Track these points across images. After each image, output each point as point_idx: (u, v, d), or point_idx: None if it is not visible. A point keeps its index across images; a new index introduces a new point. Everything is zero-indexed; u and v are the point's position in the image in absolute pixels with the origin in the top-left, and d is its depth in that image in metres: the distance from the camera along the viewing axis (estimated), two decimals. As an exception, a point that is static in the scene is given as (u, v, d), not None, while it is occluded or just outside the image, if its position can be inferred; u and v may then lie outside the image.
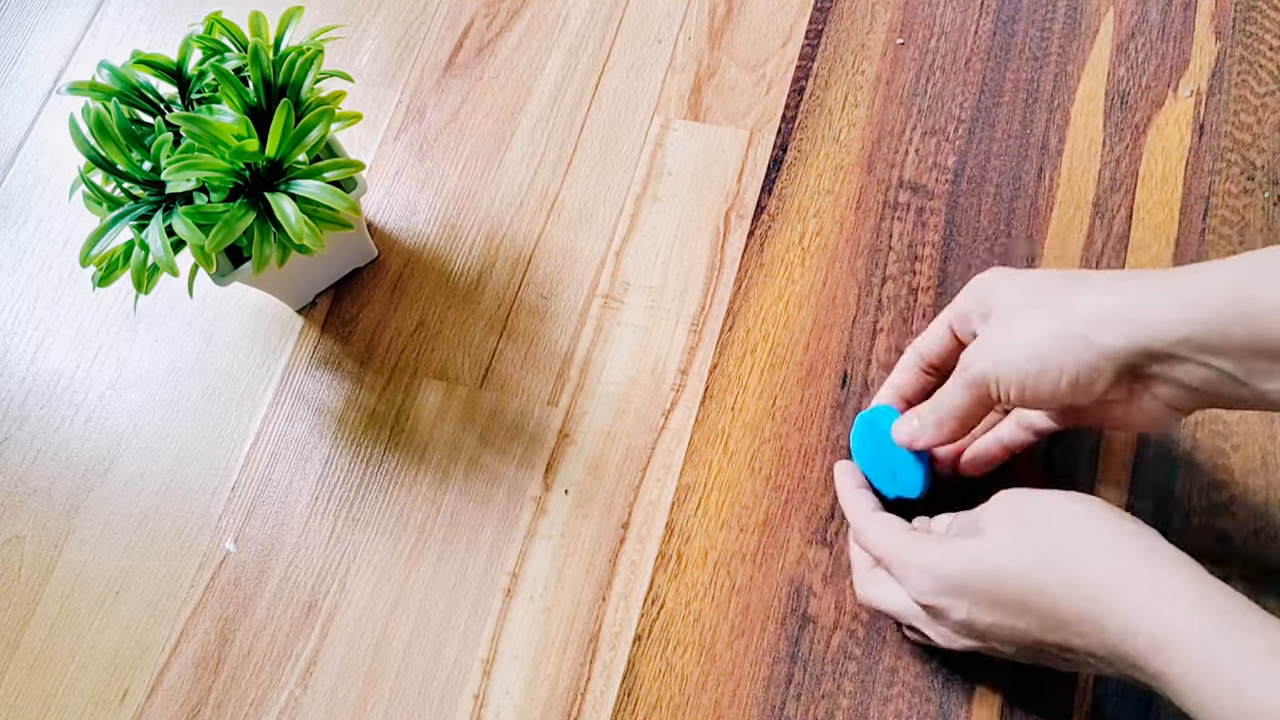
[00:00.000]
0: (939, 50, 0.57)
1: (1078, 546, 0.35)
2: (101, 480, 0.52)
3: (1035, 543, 0.36)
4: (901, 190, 0.54)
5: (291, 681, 0.47)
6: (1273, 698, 0.29)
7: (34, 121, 0.62)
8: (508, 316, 0.53)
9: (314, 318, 0.54)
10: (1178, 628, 0.31)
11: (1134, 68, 0.55)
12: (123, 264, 0.44)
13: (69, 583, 0.50)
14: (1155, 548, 0.34)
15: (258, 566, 0.49)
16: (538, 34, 0.60)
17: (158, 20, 0.64)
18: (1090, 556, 0.34)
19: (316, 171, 0.45)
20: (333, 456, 0.51)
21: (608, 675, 0.46)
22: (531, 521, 0.49)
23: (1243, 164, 0.52)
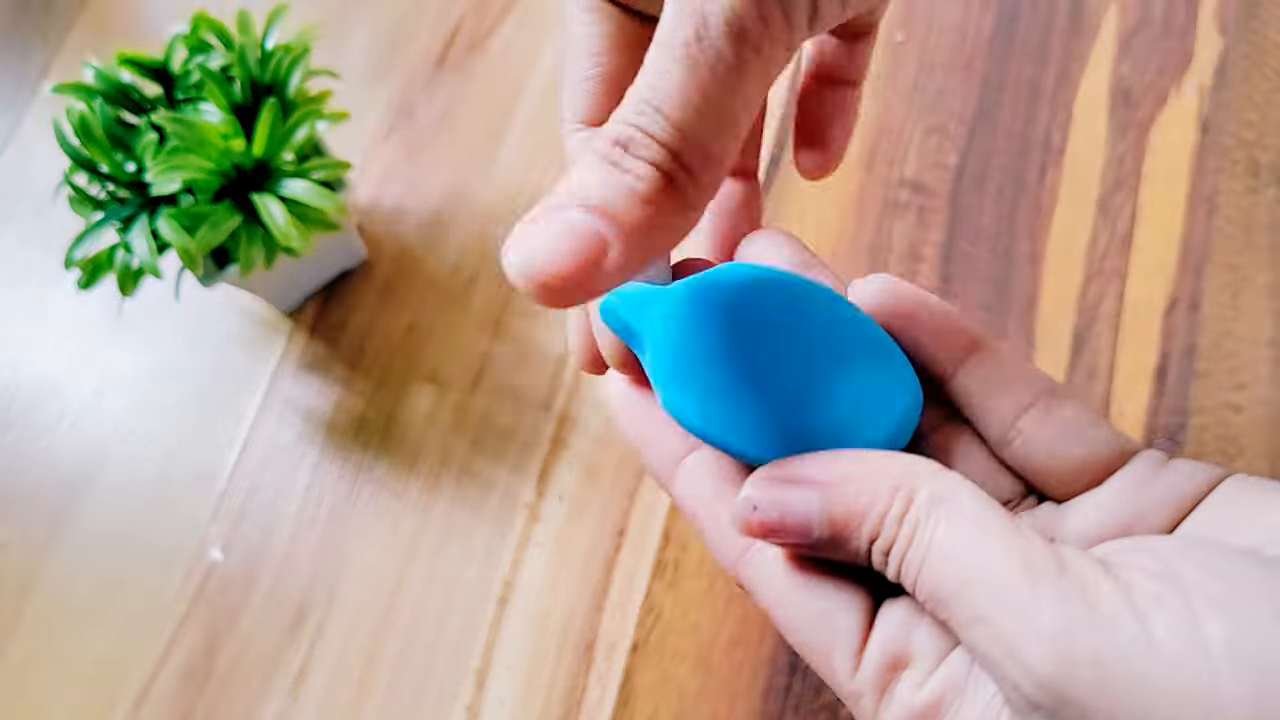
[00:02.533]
0: (940, 47, 0.56)
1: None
2: (86, 488, 0.51)
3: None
4: (902, 189, 0.53)
5: (281, 692, 0.46)
6: None
7: (17, 122, 0.61)
8: (499, 319, 0.52)
9: (302, 321, 0.53)
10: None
11: (1137, 64, 0.54)
12: (107, 266, 0.44)
13: (54, 592, 0.49)
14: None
15: (246, 575, 0.48)
16: (530, 30, 0.59)
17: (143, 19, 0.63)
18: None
19: (304, 171, 0.45)
20: (322, 463, 0.50)
21: (603, 685, 0.45)
22: (525, 528, 0.48)
23: (1248, 162, 0.51)
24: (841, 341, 0.23)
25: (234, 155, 0.43)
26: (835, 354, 0.23)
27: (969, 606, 0.19)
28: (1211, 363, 0.48)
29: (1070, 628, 0.17)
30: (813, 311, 0.23)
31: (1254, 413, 0.47)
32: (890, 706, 0.21)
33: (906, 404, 0.23)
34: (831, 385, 0.22)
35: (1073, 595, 0.18)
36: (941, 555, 0.19)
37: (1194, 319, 0.49)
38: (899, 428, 0.23)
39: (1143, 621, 0.17)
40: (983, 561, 0.19)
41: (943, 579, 0.19)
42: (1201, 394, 0.47)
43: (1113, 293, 0.50)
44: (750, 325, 0.22)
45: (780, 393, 0.22)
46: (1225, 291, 0.49)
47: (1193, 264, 0.50)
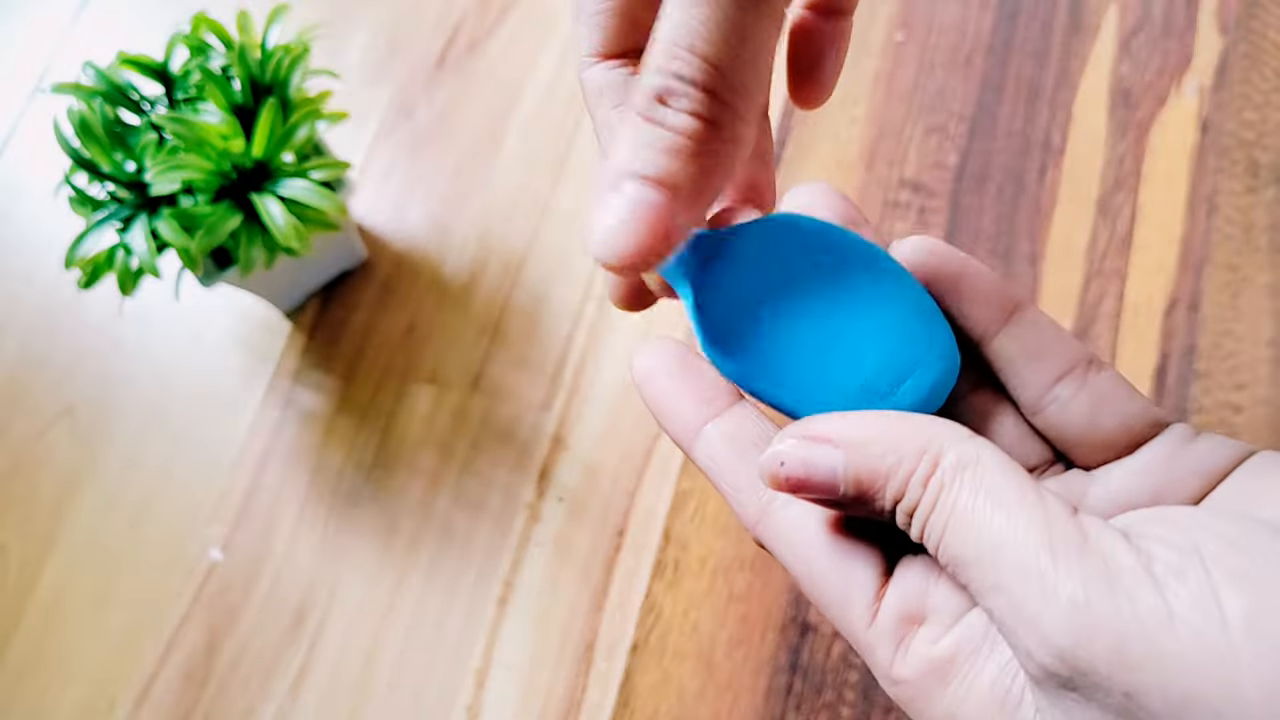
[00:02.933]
0: (939, 46, 0.56)
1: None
2: (86, 488, 0.51)
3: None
4: (903, 189, 0.53)
5: (281, 692, 0.46)
6: None
7: (17, 122, 0.61)
8: (499, 320, 0.52)
9: (302, 321, 0.53)
10: None
11: (1137, 64, 0.54)
12: (107, 266, 0.44)
13: (54, 592, 0.49)
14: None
15: (246, 576, 0.48)
16: (530, 31, 0.59)
17: (143, 19, 0.63)
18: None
19: (304, 172, 0.45)
20: (321, 463, 0.50)
21: (604, 685, 0.45)
22: (525, 529, 0.48)
23: (1247, 162, 0.51)
24: (883, 299, 0.22)
25: (234, 155, 0.43)
26: (876, 311, 0.22)
27: (989, 573, 0.19)
28: (1211, 363, 0.48)
29: (1089, 599, 0.17)
30: (856, 266, 0.23)
31: (1254, 412, 0.47)
32: (906, 658, 0.21)
33: (944, 367, 0.23)
34: (871, 342, 0.22)
35: (1093, 567, 0.18)
36: (964, 521, 0.19)
37: (1194, 319, 0.49)
38: (933, 390, 0.23)
39: (1162, 594, 0.17)
40: (1005, 529, 0.19)
41: (964, 544, 0.19)
42: (1201, 394, 0.47)
43: (1113, 293, 0.50)
44: (793, 275, 0.22)
45: (818, 344, 0.22)
46: (1225, 291, 0.49)
47: (1192, 264, 0.50)
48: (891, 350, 0.22)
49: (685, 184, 0.20)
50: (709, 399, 0.23)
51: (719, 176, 0.20)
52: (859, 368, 0.22)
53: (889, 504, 0.21)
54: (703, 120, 0.19)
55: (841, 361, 0.22)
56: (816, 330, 0.22)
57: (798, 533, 0.22)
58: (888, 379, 0.22)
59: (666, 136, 0.19)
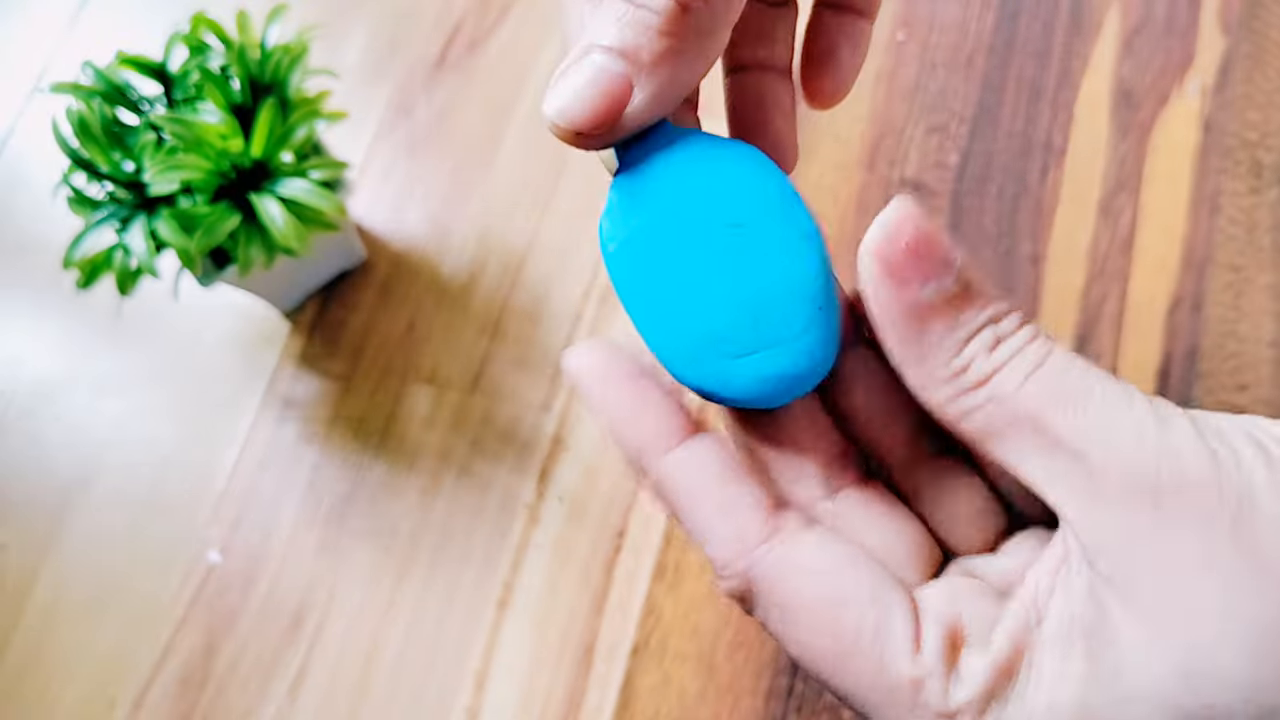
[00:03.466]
0: (941, 46, 0.56)
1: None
2: (84, 489, 0.51)
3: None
4: (903, 189, 0.52)
5: (280, 694, 0.46)
6: None
7: (15, 122, 0.61)
8: (499, 319, 0.52)
9: (301, 321, 0.53)
10: None
11: (1139, 64, 0.54)
12: (105, 267, 0.44)
13: (53, 593, 0.49)
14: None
15: (244, 577, 0.48)
16: (531, 30, 0.59)
17: (142, 19, 0.63)
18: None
19: (303, 171, 0.44)
20: (320, 464, 0.50)
21: (604, 688, 0.45)
22: (525, 530, 0.48)
23: (1250, 162, 0.51)
24: (784, 267, 0.21)
25: (232, 155, 0.43)
26: (770, 275, 0.21)
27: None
28: (1214, 363, 0.48)
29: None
30: (779, 223, 0.22)
31: (1256, 413, 0.47)
32: (960, 684, 0.19)
33: (803, 362, 0.21)
34: (745, 301, 0.21)
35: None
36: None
37: (1196, 320, 0.49)
38: (778, 378, 0.21)
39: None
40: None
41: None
42: (1204, 394, 0.47)
43: (1115, 293, 0.49)
44: (715, 202, 0.22)
45: (696, 279, 0.21)
46: (1228, 292, 0.49)
47: (1195, 264, 0.50)
48: (757, 318, 0.21)
49: (649, 62, 0.20)
50: (669, 421, 0.21)
51: (684, 65, 0.20)
52: (718, 318, 0.21)
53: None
54: (675, 1, 0.20)
55: (707, 305, 0.21)
56: (703, 265, 0.21)
57: (802, 573, 0.20)
58: (740, 343, 0.21)
59: (636, 12, 0.20)
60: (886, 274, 0.19)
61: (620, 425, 0.21)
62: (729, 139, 0.23)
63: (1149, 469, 0.18)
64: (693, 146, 0.22)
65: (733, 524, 0.20)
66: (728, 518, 0.20)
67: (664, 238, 0.22)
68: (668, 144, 0.22)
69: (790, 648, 0.20)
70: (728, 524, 0.20)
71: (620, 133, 0.21)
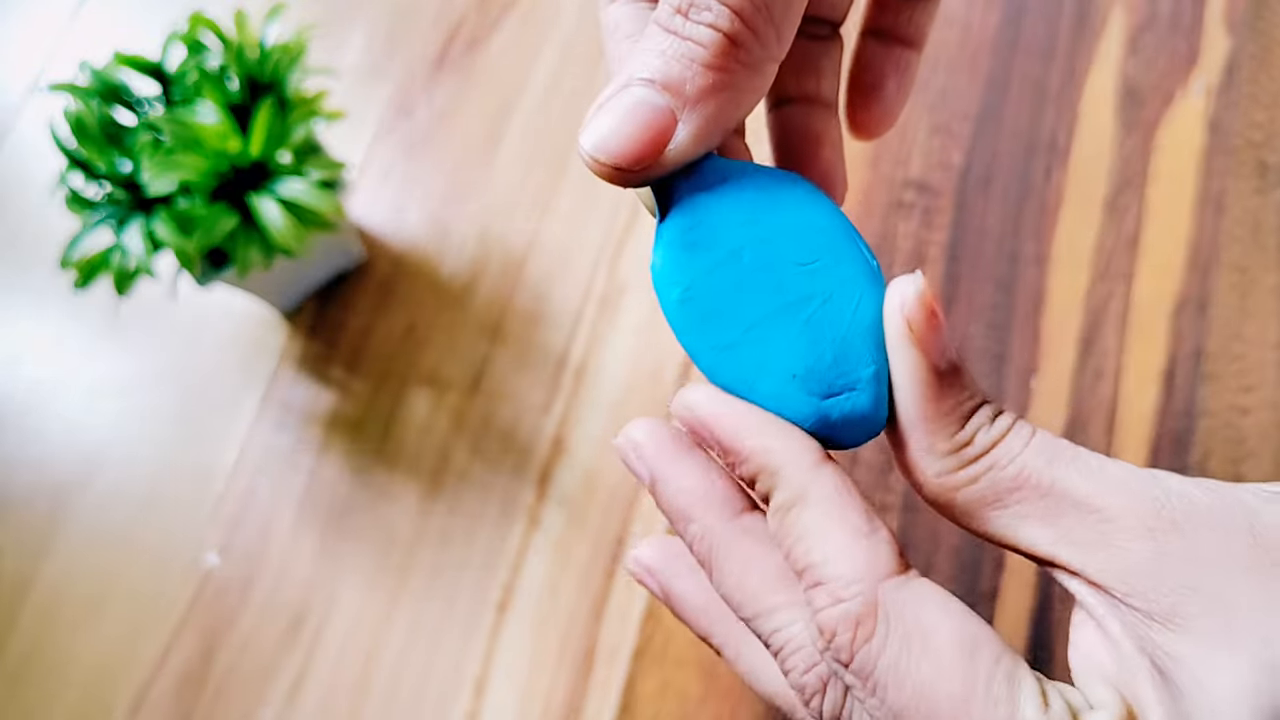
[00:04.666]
0: (945, 45, 0.55)
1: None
2: (82, 491, 0.51)
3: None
4: (907, 189, 0.52)
5: (278, 698, 0.46)
6: None
7: (13, 122, 0.61)
8: (500, 321, 0.52)
9: (300, 322, 0.53)
10: None
11: (1144, 63, 0.54)
12: (103, 267, 0.43)
13: (50, 597, 0.49)
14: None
15: (242, 580, 0.48)
16: (531, 29, 0.59)
17: (139, 18, 0.63)
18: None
19: (301, 171, 0.44)
20: (319, 466, 0.50)
21: (604, 692, 0.44)
22: (525, 533, 0.47)
23: (1255, 162, 0.51)
24: (846, 314, 0.21)
25: (230, 155, 0.43)
26: (833, 321, 0.21)
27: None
28: (1220, 365, 0.47)
29: None
30: (839, 266, 0.21)
31: (1262, 415, 0.46)
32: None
33: (873, 404, 0.21)
34: (807, 348, 0.21)
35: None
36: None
37: (1202, 321, 0.48)
38: (864, 417, 0.21)
39: None
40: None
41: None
42: (1209, 396, 0.47)
43: (1120, 294, 0.49)
44: (774, 243, 0.21)
45: (762, 324, 0.21)
46: (1233, 293, 0.49)
47: (1200, 265, 0.49)
48: (836, 357, 0.21)
49: (694, 96, 0.19)
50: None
51: (731, 100, 0.20)
52: (796, 359, 0.21)
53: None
54: (722, 34, 0.19)
55: (783, 347, 0.21)
56: (775, 306, 0.21)
57: (951, 604, 0.19)
58: (823, 381, 0.21)
59: (681, 45, 0.19)
60: (916, 340, 0.20)
61: (763, 442, 0.21)
62: (780, 170, 0.22)
63: (1159, 505, 0.18)
64: (746, 181, 0.21)
65: (868, 548, 0.19)
66: (864, 540, 0.20)
67: (731, 280, 0.21)
68: (718, 180, 0.21)
69: (899, 690, 0.19)
70: (862, 546, 0.19)
71: (661, 169, 0.20)
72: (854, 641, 0.19)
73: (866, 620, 0.19)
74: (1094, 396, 0.47)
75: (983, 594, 0.45)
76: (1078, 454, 0.19)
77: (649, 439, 0.22)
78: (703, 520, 0.21)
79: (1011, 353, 0.48)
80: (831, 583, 0.19)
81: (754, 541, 0.21)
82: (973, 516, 0.20)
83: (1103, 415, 0.47)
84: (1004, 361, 0.48)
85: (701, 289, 0.21)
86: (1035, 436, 0.20)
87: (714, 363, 0.21)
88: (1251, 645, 0.17)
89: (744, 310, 0.21)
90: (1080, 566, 0.19)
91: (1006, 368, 0.48)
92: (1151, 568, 0.18)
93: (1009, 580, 0.45)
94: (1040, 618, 0.44)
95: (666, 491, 0.21)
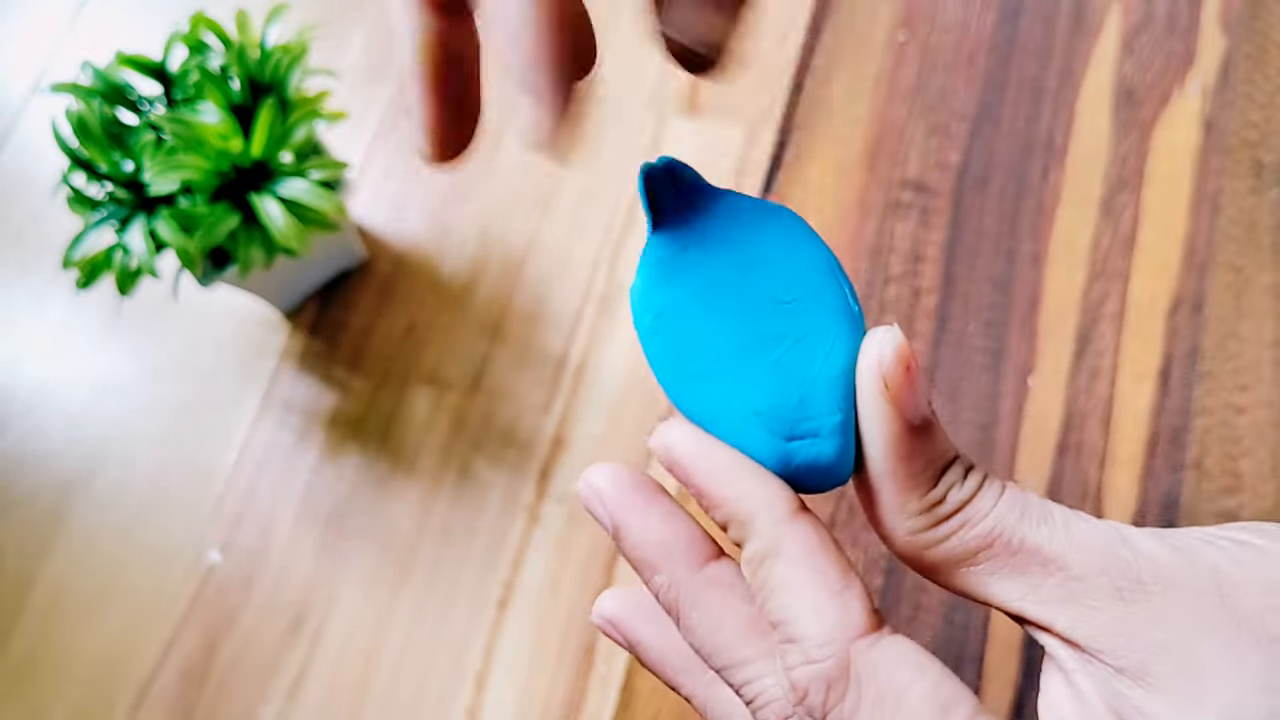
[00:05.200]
0: (942, 46, 0.56)
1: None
2: (84, 489, 0.51)
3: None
4: (904, 189, 0.52)
5: (279, 695, 0.46)
6: None
7: (15, 122, 0.61)
8: (500, 320, 0.52)
9: (301, 321, 0.53)
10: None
11: (1140, 64, 0.54)
12: (105, 267, 0.44)
13: (51, 595, 0.49)
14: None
15: (244, 578, 0.48)
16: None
17: (141, 19, 0.63)
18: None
19: (302, 171, 0.44)
20: (320, 464, 0.50)
21: (604, 688, 0.45)
22: (525, 531, 0.48)
23: (1251, 162, 0.51)
24: (818, 355, 0.21)
25: (232, 155, 0.43)
26: (803, 360, 0.21)
27: None
28: (1215, 364, 0.48)
29: None
30: (817, 304, 0.21)
31: (1257, 414, 0.47)
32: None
33: (837, 456, 0.21)
34: (776, 386, 0.21)
35: None
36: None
37: (1197, 320, 0.49)
38: (827, 466, 0.21)
39: None
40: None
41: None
42: (1205, 395, 0.47)
43: (1116, 293, 0.49)
44: (753, 271, 0.21)
45: (735, 355, 0.21)
46: (1229, 292, 0.49)
47: (1196, 264, 0.50)
48: (803, 399, 0.20)
49: None
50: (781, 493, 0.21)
51: None
52: (761, 396, 0.21)
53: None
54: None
55: (750, 382, 0.21)
56: (746, 341, 0.21)
57: (925, 663, 0.20)
58: (786, 422, 0.21)
59: None
60: (891, 397, 0.20)
61: (738, 489, 0.21)
62: (773, 204, 0.22)
63: (1126, 565, 0.19)
64: (736, 211, 0.21)
65: (840, 605, 0.20)
66: (837, 598, 0.20)
67: (706, 310, 0.21)
68: (708, 206, 0.21)
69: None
70: (834, 604, 0.20)
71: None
72: (826, 703, 0.19)
73: (838, 682, 0.19)
74: (1090, 395, 0.48)
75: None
76: (1047, 511, 0.20)
77: (611, 485, 0.22)
78: (669, 572, 0.21)
79: (1009, 351, 0.49)
80: (804, 641, 0.19)
81: (723, 592, 0.21)
82: (942, 573, 0.20)
83: (1099, 413, 0.47)
84: (1001, 360, 0.49)
85: (675, 316, 0.21)
86: (1005, 493, 0.20)
87: (680, 392, 0.21)
88: (1221, 708, 0.18)
89: (715, 342, 0.21)
90: (1050, 622, 0.19)
91: (1004, 366, 0.48)
92: (1120, 626, 0.19)
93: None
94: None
95: (629, 541, 0.21)
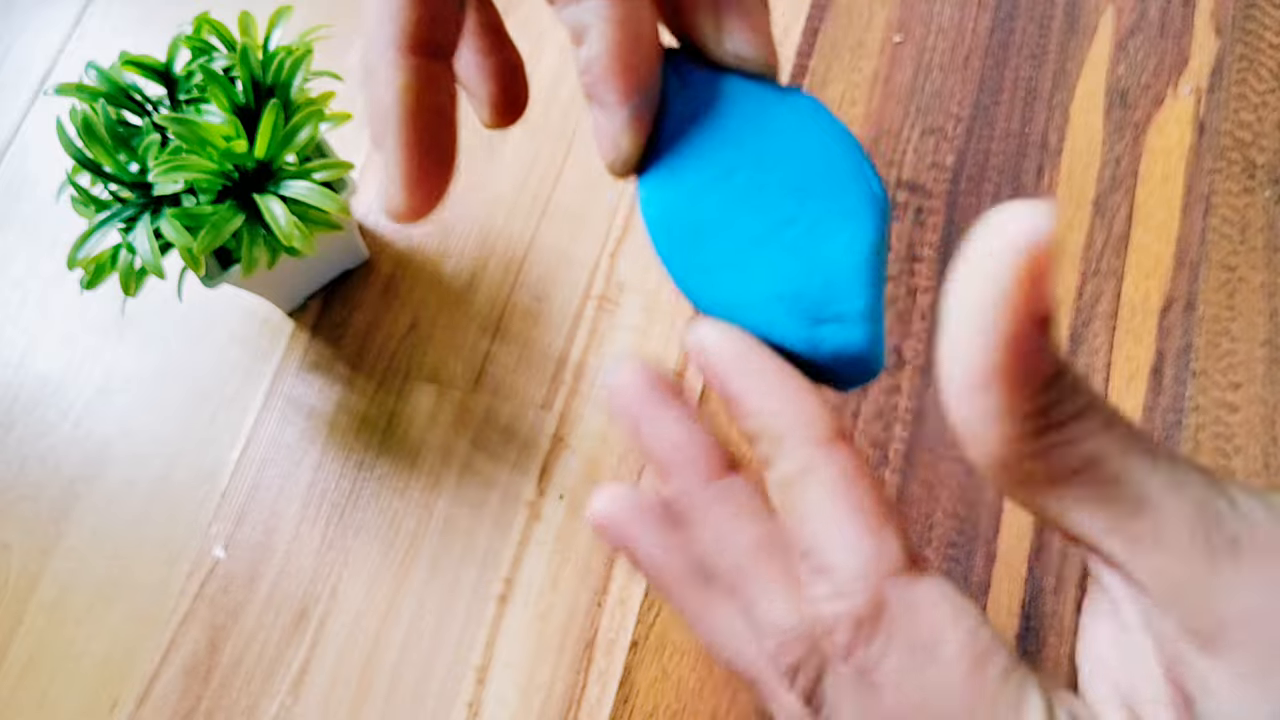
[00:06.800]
0: (937, 48, 0.56)
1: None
2: (89, 486, 0.51)
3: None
4: (900, 190, 0.53)
5: (283, 690, 0.46)
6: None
7: (20, 123, 0.61)
8: (501, 319, 0.53)
9: (304, 320, 0.54)
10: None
11: (1134, 65, 0.54)
12: (110, 266, 0.44)
13: (57, 591, 0.50)
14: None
15: (248, 574, 0.49)
16: (531, 30, 0.59)
17: (146, 20, 0.63)
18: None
19: (306, 172, 0.45)
20: (323, 462, 0.51)
21: (604, 682, 0.45)
22: (526, 527, 0.48)
23: (1243, 163, 0.52)
24: (841, 239, 0.19)
25: (236, 156, 0.43)
26: (827, 245, 0.19)
27: None
28: (1208, 362, 0.48)
29: None
30: (834, 187, 0.20)
31: (1249, 412, 0.47)
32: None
33: (869, 344, 0.19)
34: (800, 271, 0.19)
35: None
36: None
37: (1190, 319, 0.49)
38: (858, 354, 0.19)
39: None
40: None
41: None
42: (1198, 393, 0.48)
43: (1109, 292, 0.50)
44: (766, 158, 0.20)
45: (749, 242, 0.19)
46: (1221, 291, 0.49)
47: (1189, 264, 0.50)
48: (826, 283, 0.19)
49: None
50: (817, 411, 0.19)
51: None
52: (783, 281, 0.19)
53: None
54: None
55: (770, 270, 0.19)
56: (763, 232, 0.19)
57: (964, 606, 0.18)
58: (812, 304, 0.19)
59: None
60: (1028, 281, 0.16)
61: (772, 403, 0.19)
62: (788, 88, 0.21)
63: (1222, 519, 0.17)
64: (746, 98, 0.20)
65: (877, 541, 0.18)
66: (873, 533, 0.18)
67: (719, 202, 0.20)
68: (716, 96, 0.20)
69: (898, 696, 0.18)
70: (871, 538, 0.18)
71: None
72: (851, 643, 0.18)
73: (869, 621, 0.18)
74: (1084, 393, 0.48)
75: (975, 586, 0.45)
76: (1150, 447, 0.18)
77: (631, 382, 0.21)
78: (681, 477, 0.20)
79: (1003, 350, 0.49)
80: (835, 572, 0.18)
81: (734, 508, 0.20)
82: (1029, 488, 0.18)
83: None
84: (996, 358, 0.49)
85: (687, 209, 0.20)
86: (1114, 418, 0.18)
87: (696, 286, 0.20)
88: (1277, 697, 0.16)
89: (731, 232, 0.19)
90: (1128, 565, 0.17)
91: (998, 364, 0.49)
92: (1202, 584, 0.17)
93: (1000, 571, 0.45)
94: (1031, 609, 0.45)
95: (645, 442, 0.20)
